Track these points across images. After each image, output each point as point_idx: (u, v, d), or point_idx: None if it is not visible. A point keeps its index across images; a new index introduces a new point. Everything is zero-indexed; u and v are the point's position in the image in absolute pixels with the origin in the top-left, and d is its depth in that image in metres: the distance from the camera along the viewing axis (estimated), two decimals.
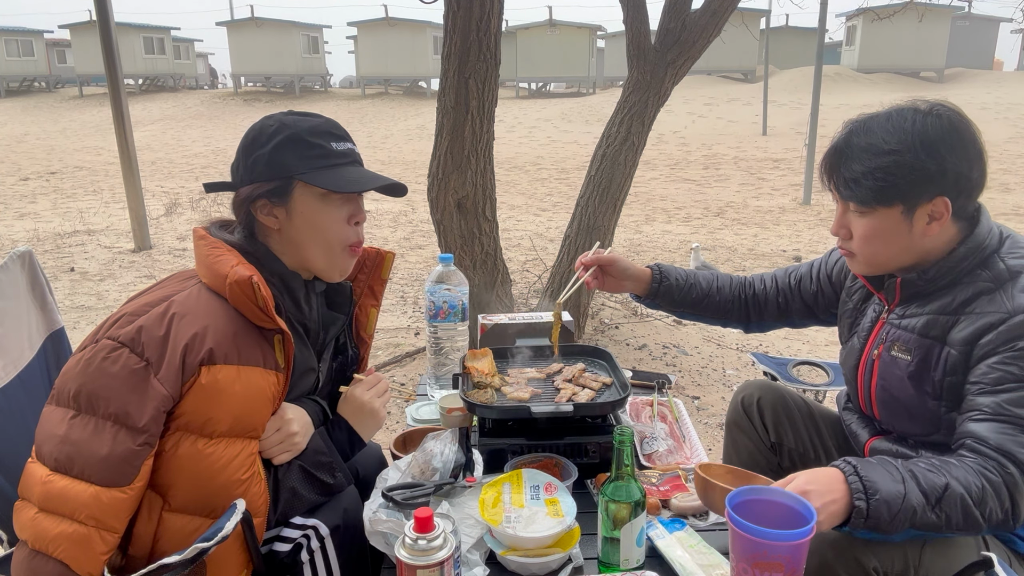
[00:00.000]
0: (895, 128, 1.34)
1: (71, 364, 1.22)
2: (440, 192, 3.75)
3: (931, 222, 1.35)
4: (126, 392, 1.17)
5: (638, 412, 1.95)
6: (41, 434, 1.20)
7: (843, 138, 1.41)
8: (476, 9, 3.40)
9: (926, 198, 1.33)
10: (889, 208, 1.35)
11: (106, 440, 1.16)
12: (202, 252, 1.33)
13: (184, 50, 34.99)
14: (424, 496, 1.40)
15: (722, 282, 1.90)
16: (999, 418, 1.24)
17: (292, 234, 1.37)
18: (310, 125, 1.36)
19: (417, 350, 4.49)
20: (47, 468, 1.17)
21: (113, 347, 1.19)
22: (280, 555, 1.35)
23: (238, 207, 1.38)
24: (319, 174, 1.33)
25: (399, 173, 13.31)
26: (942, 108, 1.36)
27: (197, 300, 1.27)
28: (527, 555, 1.29)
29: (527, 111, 22.86)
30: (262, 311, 1.27)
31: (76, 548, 1.14)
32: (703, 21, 3.95)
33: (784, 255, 7.22)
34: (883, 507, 1.18)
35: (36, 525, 1.15)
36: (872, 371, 1.52)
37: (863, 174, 1.35)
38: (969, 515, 1.20)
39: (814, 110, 10.34)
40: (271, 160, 1.32)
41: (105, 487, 1.16)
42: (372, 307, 1.63)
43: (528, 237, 7.95)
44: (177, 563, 1.10)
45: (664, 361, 4.32)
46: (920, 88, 23.49)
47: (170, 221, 9.06)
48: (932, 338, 1.38)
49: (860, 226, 1.40)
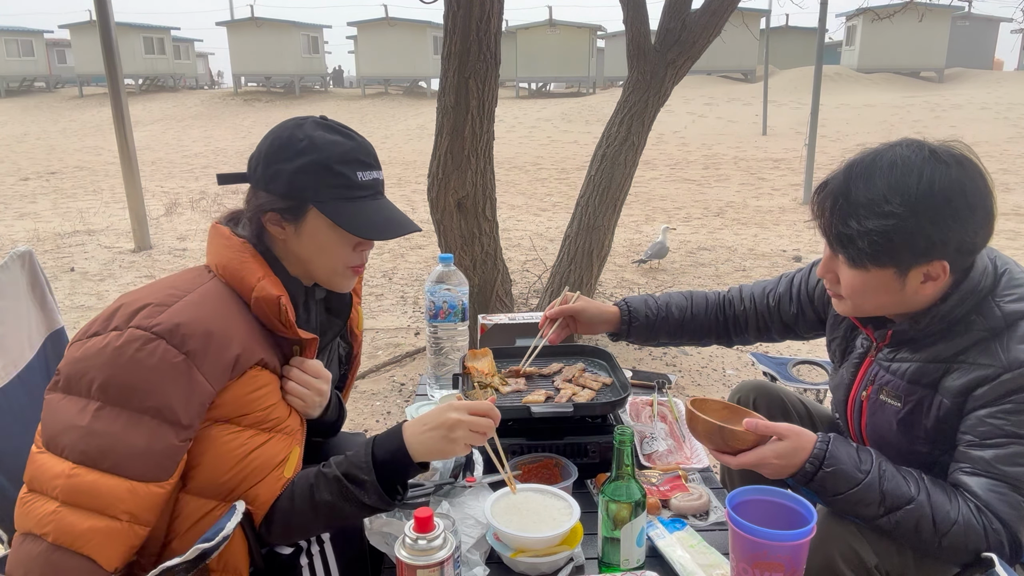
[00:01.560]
0: (898, 184, 1.21)
1: (87, 352, 1.17)
2: (440, 192, 3.75)
3: (926, 281, 1.26)
4: (167, 386, 1.14)
5: (638, 412, 1.95)
6: (54, 424, 1.16)
7: (841, 183, 1.28)
8: (476, 9, 3.40)
9: (923, 262, 1.24)
10: (882, 269, 1.27)
11: (143, 434, 1.13)
12: (223, 251, 1.32)
13: (184, 50, 35.00)
14: (424, 496, 1.40)
15: (697, 306, 1.84)
16: (988, 475, 1.23)
17: (297, 250, 1.36)
18: (341, 151, 1.30)
19: (417, 350, 4.49)
20: (70, 461, 1.13)
21: (148, 338, 1.15)
22: (281, 556, 1.35)
23: (250, 206, 1.37)
24: (337, 207, 1.29)
25: (399, 173, 13.31)
26: (951, 157, 1.23)
27: (227, 300, 1.27)
28: (537, 555, 1.29)
29: (527, 111, 22.86)
30: (283, 325, 1.30)
31: (109, 543, 1.12)
32: (703, 21, 3.95)
33: (784, 255, 7.22)
34: (828, 480, 1.27)
35: (60, 519, 1.11)
36: (861, 411, 1.47)
37: (859, 233, 1.24)
38: (922, 537, 1.23)
39: (814, 110, 10.34)
40: (291, 180, 1.28)
41: (143, 482, 1.14)
42: (356, 304, 1.63)
43: (528, 237, 7.95)
44: (180, 564, 1.10)
45: (664, 361, 4.32)
46: (920, 88, 23.50)
47: (170, 221, 9.06)
48: (923, 386, 1.33)
49: (849, 276, 1.32)
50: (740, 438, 1.30)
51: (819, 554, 1.27)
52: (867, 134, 16.30)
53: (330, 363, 1.56)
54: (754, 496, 1.24)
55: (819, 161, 10.44)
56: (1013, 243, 7.35)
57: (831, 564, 1.28)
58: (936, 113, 18.51)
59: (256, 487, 1.24)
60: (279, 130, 1.33)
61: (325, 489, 1.26)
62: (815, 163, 10.16)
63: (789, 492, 1.24)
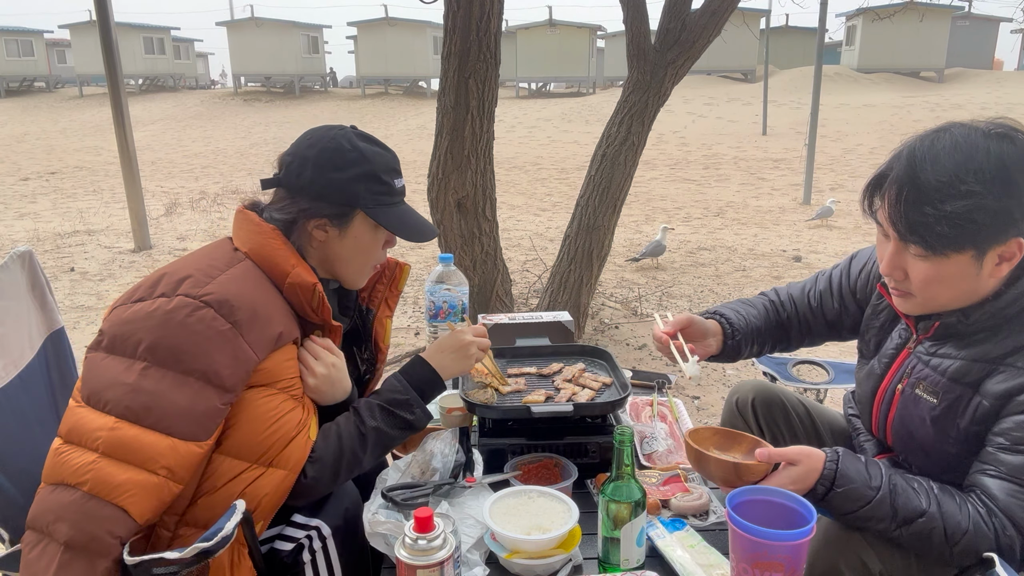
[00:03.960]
0: (968, 161, 1.17)
1: (136, 315, 1.23)
2: (440, 192, 3.75)
3: (1000, 263, 1.22)
4: (213, 351, 1.21)
5: (638, 412, 1.95)
6: (98, 380, 1.21)
7: (905, 169, 1.22)
8: (476, 9, 3.40)
9: (1002, 240, 1.19)
10: (960, 254, 1.21)
11: (187, 394, 1.19)
12: (254, 236, 1.37)
13: (184, 50, 35.00)
14: (424, 496, 1.40)
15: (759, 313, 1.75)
16: (1012, 479, 1.21)
17: (337, 250, 1.44)
18: (384, 162, 1.42)
19: (417, 350, 4.49)
20: (113, 416, 1.18)
21: (197, 306, 1.22)
22: (282, 554, 1.35)
23: (290, 210, 1.40)
24: (384, 212, 1.42)
25: None
26: (1011, 131, 1.21)
27: (262, 281, 1.34)
28: (531, 557, 1.29)
29: (527, 111, 22.85)
30: (313, 311, 1.37)
31: (144, 495, 1.16)
32: (703, 21, 3.95)
33: (784, 255, 7.21)
34: (839, 499, 1.26)
35: (100, 470, 1.15)
36: (891, 403, 1.43)
37: (936, 219, 1.17)
38: (936, 546, 1.22)
39: (814, 110, 10.34)
40: (346, 190, 1.38)
41: (183, 440, 1.18)
42: (387, 318, 1.71)
43: (528, 237, 7.95)
44: (178, 560, 1.10)
45: (664, 361, 4.32)
46: (920, 88, 23.49)
47: (170, 221, 9.06)
48: (965, 384, 1.28)
49: (921, 270, 1.25)
50: (754, 471, 1.29)
51: (823, 559, 1.27)
52: (867, 134, 16.30)
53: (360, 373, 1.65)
54: (754, 496, 1.24)
55: (819, 161, 10.44)
56: None
57: (835, 570, 1.27)
58: (936, 113, 18.50)
59: (288, 448, 1.28)
60: (323, 140, 1.40)
61: (370, 418, 1.40)
62: (815, 163, 10.17)
63: (789, 492, 1.23)
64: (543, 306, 4.44)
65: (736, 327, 1.71)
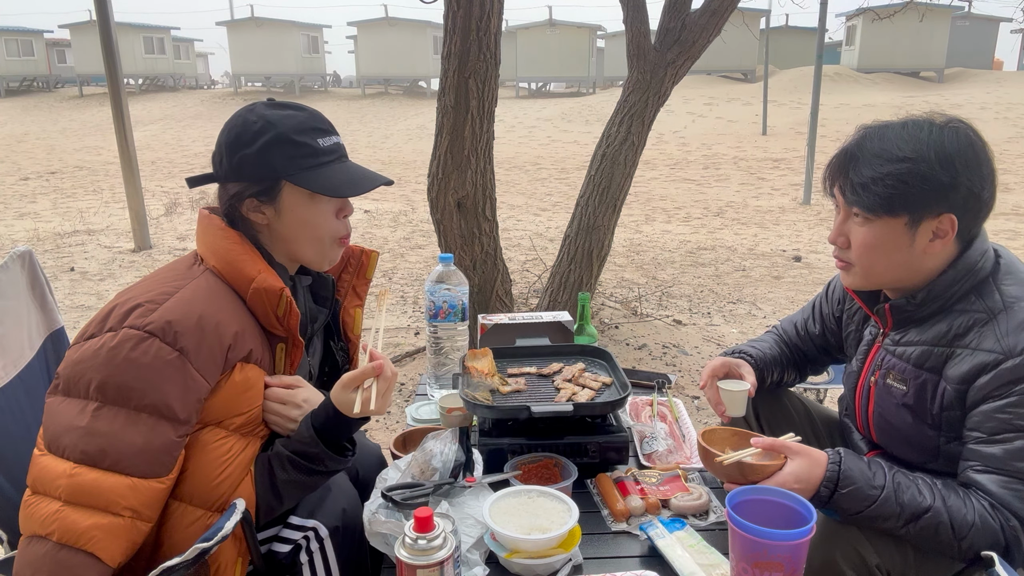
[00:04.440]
0: (910, 137, 1.30)
1: (84, 355, 1.19)
2: (440, 192, 3.75)
3: (934, 239, 1.31)
4: (162, 383, 1.17)
5: (638, 412, 1.95)
6: (55, 426, 1.18)
7: (855, 142, 1.37)
8: (476, 9, 3.40)
9: (933, 213, 1.29)
10: (894, 218, 1.31)
11: (142, 432, 1.16)
12: (220, 242, 1.33)
13: (184, 50, 35.01)
14: (424, 496, 1.40)
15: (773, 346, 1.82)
16: (1000, 471, 1.24)
17: (281, 230, 1.38)
18: (295, 123, 1.33)
19: (417, 350, 4.48)
20: (70, 461, 1.15)
21: (141, 337, 1.17)
22: (279, 555, 1.35)
23: (223, 201, 1.37)
24: (308, 175, 1.32)
25: (399, 173, 13.31)
26: (959, 123, 1.33)
27: (219, 293, 1.29)
28: (531, 557, 1.29)
29: (527, 111, 22.85)
30: (278, 320, 1.32)
31: (112, 538, 1.14)
32: (703, 21, 3.95)
33: (784, 255, 7.21)
34: (845, 500, 1.27)
35: (64, 518, 1.13)
36: (869, 397, 1.50)
37: (872, 179, 1.31)
38: (943, 541, 1.24)
39: (814, 110, 10.35)
40: (258, 161, 1.31)
41: (143, 478, 1.16)
42: (356, 307, 1.64)
43: (528, 237, 7.95)
44: (179, 564, 1.10)
45: (664, 361, 4.32)
46: (920, 88, 23.49)
47: (170, 221, 9.06)
48: (928, 370, 1.36)
49: (860, 234, 1.37)
50: (759, 471, 1.32)
51: (820, 553, 1.27)
52: None
53: (315, 353, 1.57)
54: (754, 496, 1.24)
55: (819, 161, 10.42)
56: (1013, 243, 7.34)
57: (832, 563, 1.28)
58: None
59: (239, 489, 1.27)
60: (232, 121, 1.36)
61: (281, 470, 1.31)
62: (815, 163, 10.16)
63: (789, 492, 1.24)
64: (543, 306, 4.44)
65: (756, 359, 1.77)
